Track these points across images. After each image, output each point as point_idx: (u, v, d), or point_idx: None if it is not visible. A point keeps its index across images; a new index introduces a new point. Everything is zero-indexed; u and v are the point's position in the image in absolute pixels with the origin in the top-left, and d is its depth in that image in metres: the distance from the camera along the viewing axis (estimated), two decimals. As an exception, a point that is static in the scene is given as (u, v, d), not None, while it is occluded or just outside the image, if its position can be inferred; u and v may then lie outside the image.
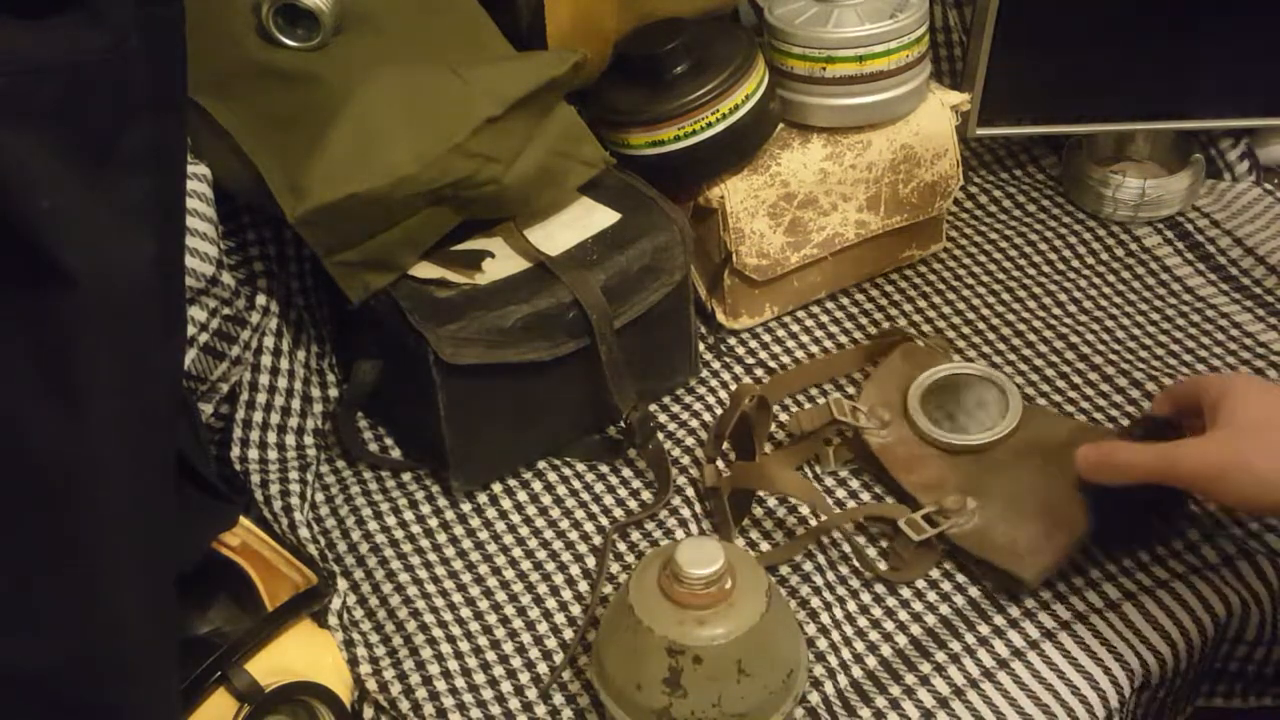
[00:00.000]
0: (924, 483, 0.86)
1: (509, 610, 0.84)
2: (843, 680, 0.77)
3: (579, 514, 0.90)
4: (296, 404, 0.92)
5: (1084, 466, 0.76)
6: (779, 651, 0.72)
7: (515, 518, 0.90)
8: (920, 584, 0.83)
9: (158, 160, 0.61)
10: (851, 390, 0.97)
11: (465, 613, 0.83)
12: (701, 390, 0.99)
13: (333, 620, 0.81)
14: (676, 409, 0.97)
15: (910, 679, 0.77)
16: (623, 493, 0.91)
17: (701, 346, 1.01)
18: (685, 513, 0.89)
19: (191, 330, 0.82)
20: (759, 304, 1.03)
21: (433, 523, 0.89)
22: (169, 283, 0.67)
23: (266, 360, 0.90)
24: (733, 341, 1.03)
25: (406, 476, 0.93)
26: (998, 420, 0.88)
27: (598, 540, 0.88)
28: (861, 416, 0.89)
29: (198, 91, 0.78)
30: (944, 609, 0.81)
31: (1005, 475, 0.84)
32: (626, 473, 0.93)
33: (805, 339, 1.03)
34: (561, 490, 0.92)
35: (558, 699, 0.78)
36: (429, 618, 0.83)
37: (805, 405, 0.96)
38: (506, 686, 0.79)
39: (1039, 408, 0.93)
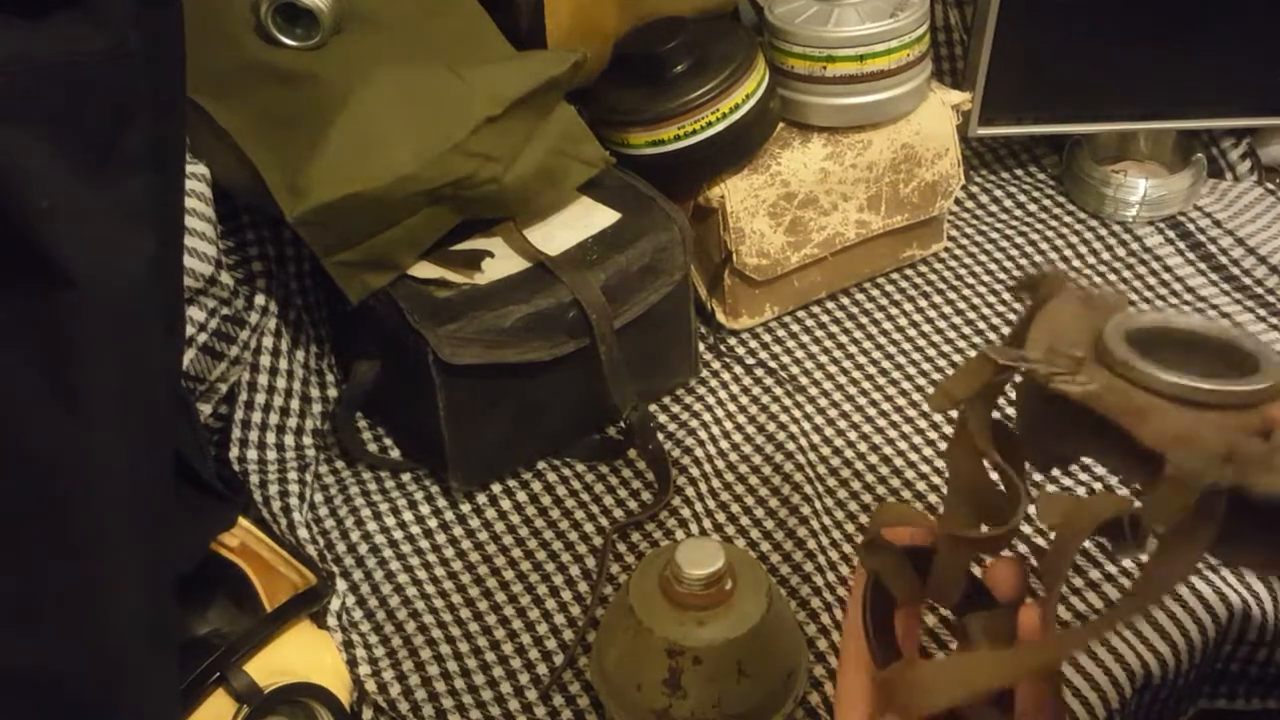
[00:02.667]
0: (1177, 433, 0.55)
1: (509, 610, 0.83)
2: (843, 681, 0.77)
3: (579, 514, 0.90)
4: (295, 404, 0.92)
5: None
6: (779, 652, 0.72)
7: (515, 518, 0.90)
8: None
9: (157, 160, 0.61)
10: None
11: (465, 613, 0.83)
12: (701, 390, 0.99)
13: (332, 621, 0.80)
14: (676, 409, 0.97)
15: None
16: (623, 493, 0.91)
17: (701, 346, 1.01)
18: (685, 513, 0.88)
19: (190, 330, 0.82)
20: (759, 304, 1.03)
21: (432, 523, 0.89)
22: (168, 282, 0.67)
23: (265, 360, 0.90)
24: (733, 341, 1.03)
25: (406, 477, 0.93)
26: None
27: (598, 540, 0.88)
28: (1041, 369, 0.59)
29: (197, 91, 0.78)
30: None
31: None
32: (626, 473, 0.92)
33: (805, 339, 1.03)
34: (561, 490, 0.91)
35: (558, 699, 0.78)
36: (428, 618, 0.83)
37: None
38: (506, 687, 0.79)
39: None
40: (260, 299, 0.90)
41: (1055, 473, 0.87)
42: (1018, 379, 0.62)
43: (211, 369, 0.84)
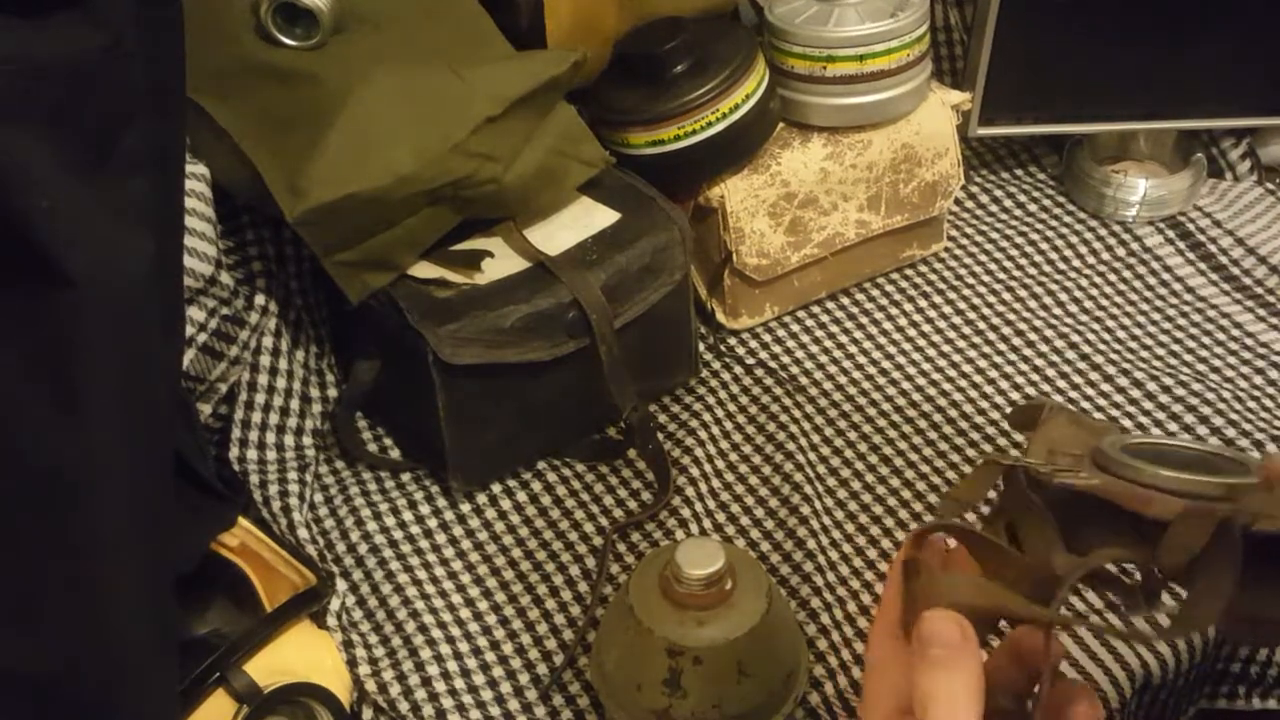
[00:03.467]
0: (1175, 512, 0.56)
1: (509, 610, 0.83)
2: (843, 681, 0.77)
3: (579, 514, 0.90)
4: (295, 404, 0.91)
5: None
6: (779, 652, 0.72)
7: (515, 518, 0.90)
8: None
9: (156, 160, 0.61)
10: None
11: (465, 613, 0.83)
12: (701, 390, 0.98)
13: (332, 621, 0.80)
14: (676, 409, 0.97)
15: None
16: (623, 493, 0.91)
17: (701, 346, 1.01)
18: (685, 513, 0.88)
19: (190, 330, 0.82)
20: (759, 304, 1.03)
21: (432, 523, 0.89)
22: (168, 282, 0.67)
23: (265, 360, 0.90)
24: (733, 341, 1.03)
25: (406, 477, 0.93)
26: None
27: (598, 540, 0.88)
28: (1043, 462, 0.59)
29: (197, 91, 0.78)
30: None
31: None
32: (626, 473, 0.92)
33: (805, 339, 1.03)
34: (561, 490, 0.91)
35: (558, 699, 0.78)
36: (428, 618, 0.83)
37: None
38: (506, 687, 0.79)
39: None
40: (260, 299, 0.90)
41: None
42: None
43: (211, 369, 0.84)
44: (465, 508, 0.90)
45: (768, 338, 1.04)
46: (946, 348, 1.02)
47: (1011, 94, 1.10)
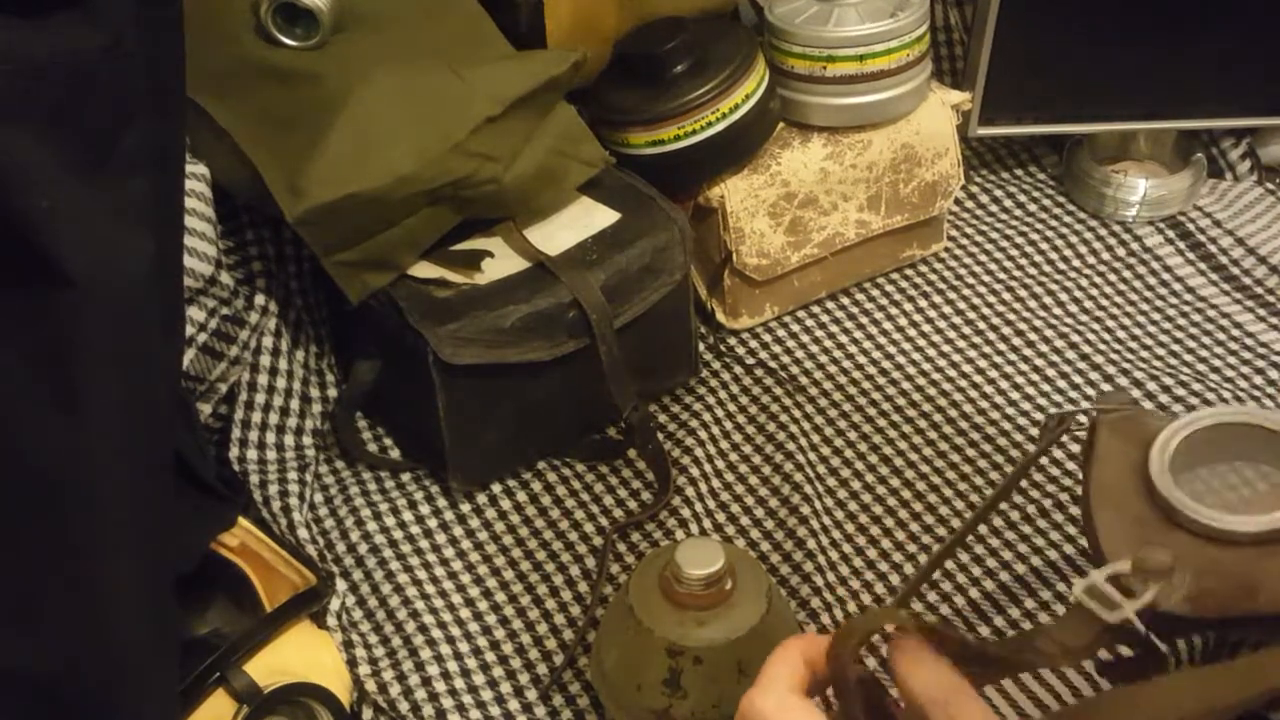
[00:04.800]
0: None
1: (509, 610, 0.83)
2: (843, 681, 0.77)
3: (579, 514, 0.90)
4: (295, 404, 0.91)
5: None
6: (779, 652, 0.72)
7: (515, 518, 0.90)
8: (920, 586, 0.83)
9: (156, 160, 0.61)
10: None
11: (465, 613, 0.83)
12: (701, 390, 0.98)
13: (332, 621, 0.80)
14: (676, 409, 0.97)
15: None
16: (623, 493, 0.91)
17: (701, 346, 1.01)
18: (685, 513, 0.88)
19: (190, 330, 0.82)
20: (759, 304, 1.03)
21: (432, 523, 0.89)
22: (168, 282, 0.67)
23: (265, 360, 0.90)
24: (733, 341, 1.03)
25: (406, 477, 0.93)
26: None
27: (598, 540, 0.88)
28: (1137, 586, 0.54)
29: (196, 91, 0.78)
30: (944, 610, 0.81)
31: None
32: (626, 473, 0.92)
33: (805, 339, 1.03)
34: (561, 490, 0.91)
35: (558, 699, 0.78)
36: (428, 618, 0.83)
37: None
38: (506, 687, 0.79)
39: None
40: (260, 299, 0.90)
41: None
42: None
43: (211, 369, 0.84)
44: (465, 508, 0.90)
45: (768, 338, 1.04)
46: (946, 348, 1.02)
47: (1011, 94, 1.10)
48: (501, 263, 0.87)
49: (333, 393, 0.96)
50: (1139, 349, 1.01)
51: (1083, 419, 0.61)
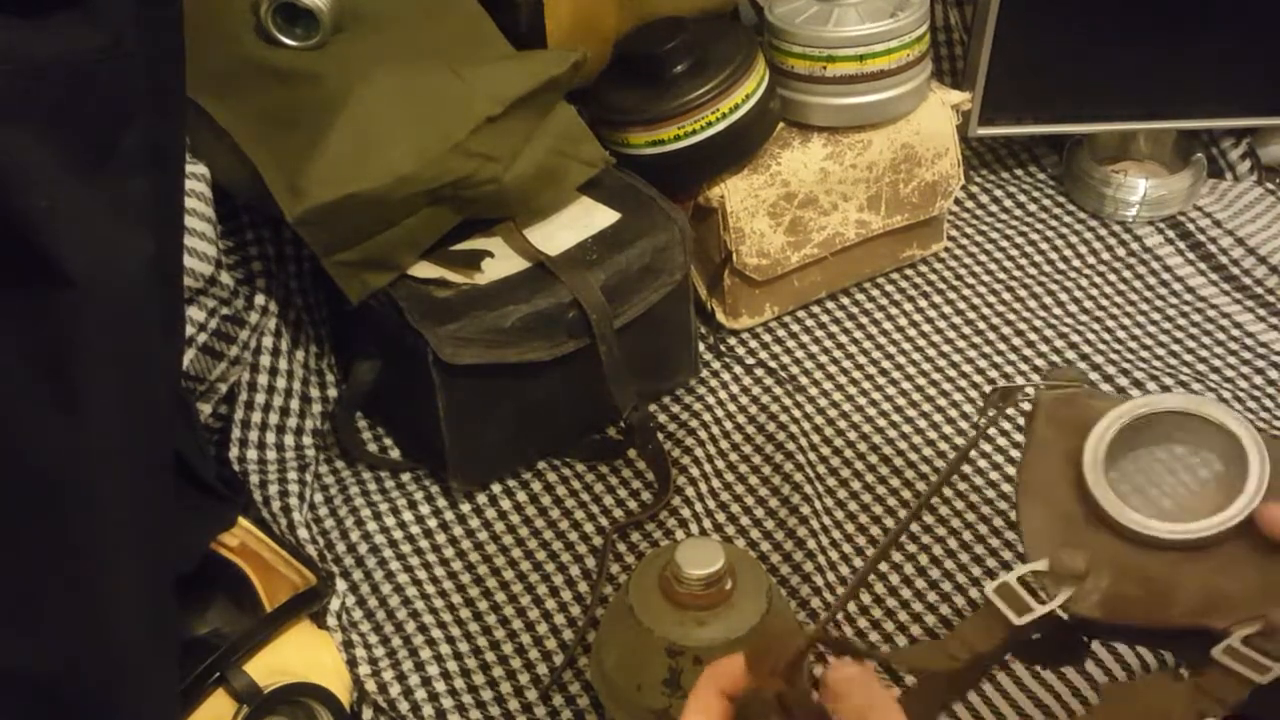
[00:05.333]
0: (1206, 602, 0.52)
1: (509, 610, 0.83)
2: (843, 681, 0.77)
3: (579, 514, 0.90)
4: (295, 404, 0.91)
5: None
6: (779, 652, 0.72)
7: (515, 518, 0.90)
8: (921, 585, 0.83)
9: (156, 160, 0.61)
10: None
11: (465, 613, 0.83)
12: (701, 390, 0.98)
13: (332, 621, 0.80)
14: (676, 409, 0.97)
15: (910, 680, 0.77)
16: (623, 493, 0.91)
17: (701, 346, 1.01)
18: (685, 513, 0.88)
19: (190, 330, 0.82)
20: (759, 304, 1.03)
21: (432, 523, 0.89)
22: (168, 282, 0.67)
23: (265, 360, 0.90)
24: (733, 341, 1.03)
25: (406, 477, 0.93)
26: (1229, 481, 0.55)
27: (598, 540, 0.88)
28: (1050, 587, 0.53)
29: (197, 91, 0.78)
30: (944, 610, 0.81)
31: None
32: (626, 473, 0.92)
33: (805, 339, 1.03)
34: (561, 490, 0.91)
35: (558, 699, 0.78)
36: (428, 618, 0.83)
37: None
38: (506, 687, 0.79)
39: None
40: (260, 299, 0.90)
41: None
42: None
43: (211, 369, 0.84)
44: (465, 508, 0.90)
45: (768, 338, 1.03)
46: (946, 348, 1.02)
47: (1011, 94, 1.10)
48: (501, 263, 0.87)
49: (333, 393, 0.96)
50: (1139, 349, 1.01)
51: (1031, 391, 0.60)
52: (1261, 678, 0.48)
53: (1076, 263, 1.10)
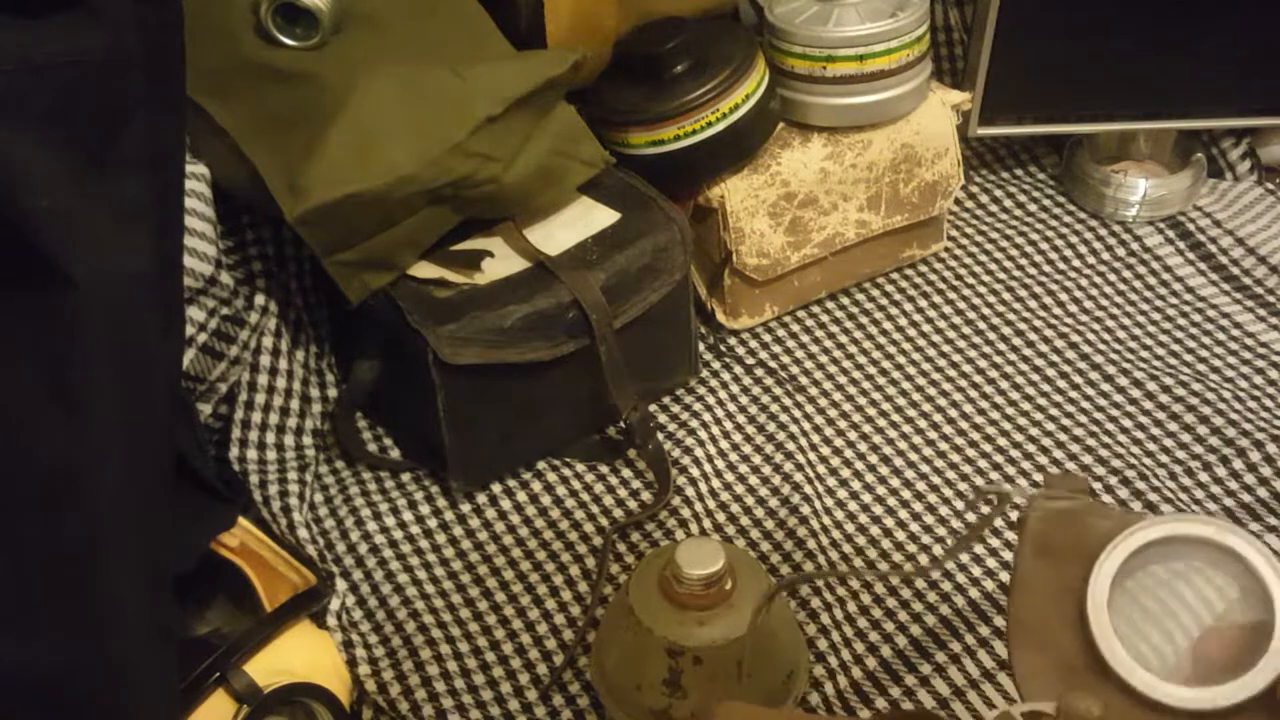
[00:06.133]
0: None
1: (509, 610, 0.83)
2: (843, 681, 0.77)
3: (579, 514, 0.90)
4: (295, 404, 0.91)
5: None
6: (779, 652, 0.72)
7: (515, 518, 0.90)
8: (921, 584, 0.83)
9: (156, 160, 0.61)
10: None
11: (465, 613, 0.83)
12: (701, 390, 0.98)
13: (332, 621, 0.80)
14: (676, 409, 0.97)
15: (910, 680, 0.77)
16: (623, 493, 0.91)
17: (701, 346, 1.01)
18: (685, 513, 0.88)
19: (190, 330, 0.82)
20: (759, 304, 1.03)
21: (432, 523, 0.89)
22: (168, 282, 0.67)
23: (265, 360, 0.90)
24: (733, 341, 1.03)
25: (406, 477, 0.93)
26: (1246, 618, 0.51)
27: (598, 540, 0.88)
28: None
29: (196, 91, 0.78)
30: (944, 610, 0.81)
31: None
32: (626, 473, 0.92)
33: (805, 339, 1.03)
34: (561, 490, 0.91)
35: (558, 700, 0.78)
36: (428, 618, 0.83)
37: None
38: (506, 687, 0.79)
39: None
40: (260, 299, 0.90)
41: None
42: None
43: (211, 369, 0.84)
44: (465, 508, 0.90)
45: (768, 338, 1.03)
46: (946, 348, 1.02)
47: (1011, 94, 1.10)
48: (501, 263, 0.87)
49: (333, 393, 0.96)
50: (1139, 349, 1.01)
51: (1021, 500, 0.54)
52: None
53: (1076, 263, 1.10)
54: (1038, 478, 0.89)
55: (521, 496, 0.91)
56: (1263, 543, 0.51)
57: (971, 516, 0.87)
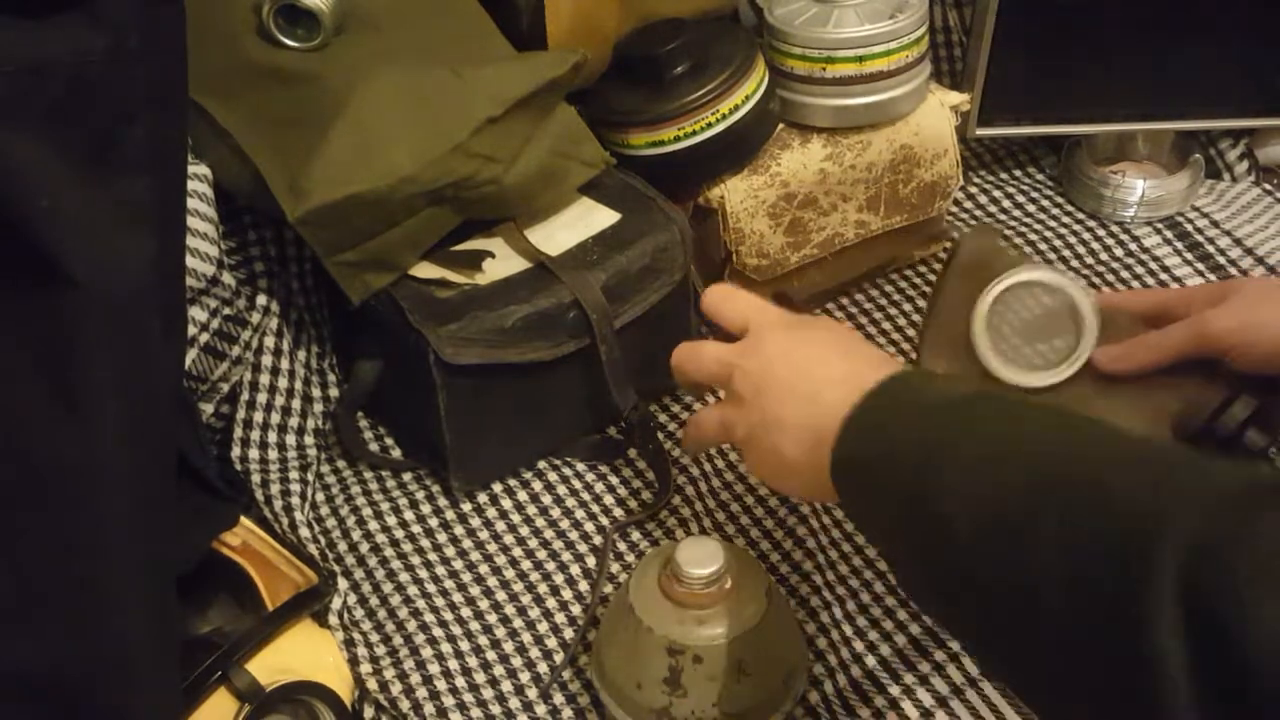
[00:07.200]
0: None
1: (509, 610, 0.84)
2: (842, 680, 0.77)
3: (579, 514, 0.90)
4: (297, 404, 0.92)
5: (1108, 362, 0.77)
6: (779, 651, 0.72)
7: (515, 518, 0.90)
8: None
9: (158, 160, 0.62)
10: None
11: (465, 612, 0.84)
12: (701, 390, 0.99)
13: (333, 620, 0.81)
14: (676, 409, 0.97)
15: (910, 678, 0.78)
16: (623, 493, 0.91)
17: (701, 346, 1.01)
18: (685, 512, 0.89)
19: (192, 330, 0.82)
20: (759, 304, 1.03)
21: (433, 522, 0.90)
22: (169, 283, 0.67)
23: (267, 360, 0.90)
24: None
25: (407, 476, 0.93)
26: (1070, 341, 0.78)
27: (598, 540, 0.88)
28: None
29: (198, 91, 0.78)
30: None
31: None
32: (626, 473, 0.93)
33: (805, 339, 1.03)
34: (561, 490, 0.92)
35: (558, 699, 0.78)
36: (429, 617, 0.83)
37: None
38: (506, 686, 0.79)
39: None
40: (262, 299, 0.90)
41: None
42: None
43: (213, 369, 0.85)
44: (466, 507, 0.91)
45: (767, 338, 1.03)
46: (946, 348, 1.02)
47: (1010, 95, 1.10)
48: (502, 263, 0.87)
49: (334, 393, 0.96)
50: (1138, 349, 1.01)
51: (956, 235, 0.81)
52: None
53: (1075, 263, 1.10)
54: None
55: (522, 496, 0.91)
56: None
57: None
